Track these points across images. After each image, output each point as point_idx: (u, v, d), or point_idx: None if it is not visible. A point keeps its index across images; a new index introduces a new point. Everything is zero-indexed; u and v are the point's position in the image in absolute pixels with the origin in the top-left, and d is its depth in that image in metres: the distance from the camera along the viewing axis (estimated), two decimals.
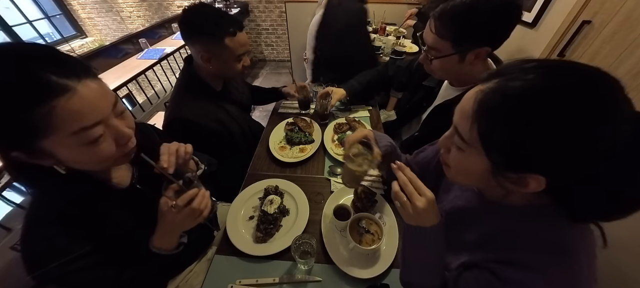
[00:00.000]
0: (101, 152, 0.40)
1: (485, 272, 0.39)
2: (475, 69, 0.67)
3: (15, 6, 3.18)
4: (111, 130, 0.41)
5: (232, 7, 3.04)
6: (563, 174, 0.30)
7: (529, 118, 0.28)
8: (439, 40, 0.64)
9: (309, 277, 0.61)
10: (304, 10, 2.32)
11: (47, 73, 0.33)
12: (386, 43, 1.77)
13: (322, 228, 0.69)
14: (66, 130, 0.35)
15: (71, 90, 0.34)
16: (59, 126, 0.35)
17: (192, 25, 0.74)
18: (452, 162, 0.40)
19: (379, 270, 0.60)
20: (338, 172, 0.87)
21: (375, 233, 0.64)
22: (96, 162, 0.41)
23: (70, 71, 0.35)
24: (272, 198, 0.72)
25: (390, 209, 0.73)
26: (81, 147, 0.38)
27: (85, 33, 3.90)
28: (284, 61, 3.64)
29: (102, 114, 0.39)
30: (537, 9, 1.17)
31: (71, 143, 0.37)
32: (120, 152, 0.43)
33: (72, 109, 0.35)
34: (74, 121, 0.35)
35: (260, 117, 2.48)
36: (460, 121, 0.36)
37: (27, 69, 0.33)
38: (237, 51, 0.77)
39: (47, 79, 0.33)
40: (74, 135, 0.36)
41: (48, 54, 0.36)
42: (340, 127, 1.04)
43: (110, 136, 0.41)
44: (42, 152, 0.36)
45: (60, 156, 0.38)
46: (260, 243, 0.67)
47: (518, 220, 0.39)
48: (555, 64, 0.30)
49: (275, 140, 1.00)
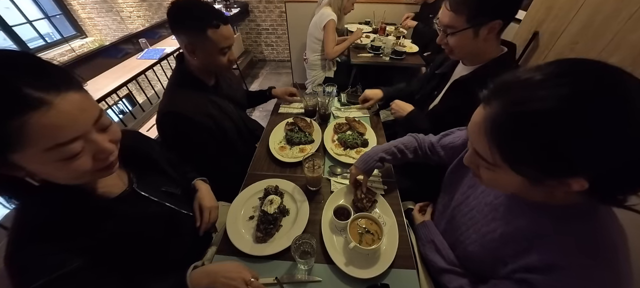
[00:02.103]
0: (77, 168, 0.37)
1: (523, 285, 0.37)
2: (488, 45, 0.71)
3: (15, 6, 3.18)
4: (91, 145, 0.38)
5: (232, 7, 3.04)
6: (604, 171, 0.29)
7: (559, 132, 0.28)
8: (454, 16, 0.69)
9: (309, 277, 0.61)
10: (304, 10, 2.32)
11: (22, 84, 0.31)
12: (386, 43, 1.77)
13: (322, 228, 0.69)
14: (39, 146, 0.33)
15: (47, 104, 0.32)
16: (32, 141, 0.32)
17: (176, 17, 0.75)
18: (485, 178, 0.39)
19: (379, 270, 0.60)
20: (338, 172, 0.87)
21: (375, 233, 0.64)
22: (71, 177, 0.39)
23: (49, 83, 0.33)
24: (272, 198, 0.72)
25: (390, 209, 0.73)
26: (55, 163, 0.35)
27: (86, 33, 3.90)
28: (284, 61, 3.63)
29: (82, 129, 0.36)
30: None
31: (44, 159, 0.34)
32: (97, 166, 0.40)
33: (48, 124, 0.32)
34: (48, 137, 0.33)
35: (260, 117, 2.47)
36: (478, 145, 0.35)
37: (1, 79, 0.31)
38: (220, 44, 0.78)
39: (22, 91, 0.31)
40: (48, 151, 0.34)
41: (27, 63, 0.33)
42: (340, 127, 1.04)
43: (89, 151, 0.38)
44: (12, 165, 0.34)
45: (33, 170, 0.36)
46: (260, 244, 0.67)
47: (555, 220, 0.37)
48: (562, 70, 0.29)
49: (275, 140, 0.99)
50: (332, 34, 1.68)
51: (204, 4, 0.77)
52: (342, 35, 2.04)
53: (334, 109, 1.16)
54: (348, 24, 2.22)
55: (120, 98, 1.86)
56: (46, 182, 0.39)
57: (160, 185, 0.62)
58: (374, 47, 1.80)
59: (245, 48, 3.51)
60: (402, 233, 0.68)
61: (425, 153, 0.75)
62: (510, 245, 0.42)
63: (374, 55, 1.79)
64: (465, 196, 0.57)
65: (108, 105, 1.82)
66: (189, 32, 0.76)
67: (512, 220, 0.43)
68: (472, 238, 0.51)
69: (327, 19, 1.64)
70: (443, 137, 0.71)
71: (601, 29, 0.83)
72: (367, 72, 1.88)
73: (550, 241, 0.37)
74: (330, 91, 1.19)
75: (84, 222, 0.44)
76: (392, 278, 0.61)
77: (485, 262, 0.47)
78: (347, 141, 0.95)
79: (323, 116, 1.10)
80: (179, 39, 0.78)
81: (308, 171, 0.77)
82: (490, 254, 0.46)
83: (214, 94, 0.92)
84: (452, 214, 0.60)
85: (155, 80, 2.28)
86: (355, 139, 0.96)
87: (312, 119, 1.09)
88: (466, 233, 0.53)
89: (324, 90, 1.19)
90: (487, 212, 0.49)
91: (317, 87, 1.23)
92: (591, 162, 0.29)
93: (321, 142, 0.98)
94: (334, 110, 1.15)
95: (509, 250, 0.42)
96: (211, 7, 0.77)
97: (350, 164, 0.89)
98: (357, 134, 0.99)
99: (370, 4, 2.27)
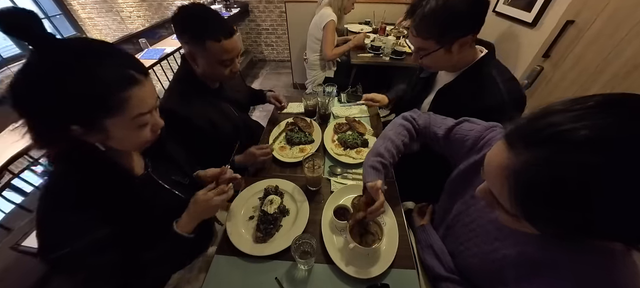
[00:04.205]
0: (143, 136, 0.48)
1: None
2: (464, 55, 0.73)
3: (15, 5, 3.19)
4: (152, 119, 0.49)
5: (232, 7, 3.04)
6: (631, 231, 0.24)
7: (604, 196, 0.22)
8: (423, 41, 0.70)
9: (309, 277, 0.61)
10: (304, 10, 2.32)
11: (130, 69, 0.43)
12: (386, 43, 1.76)
13: (322, 228, 0.69)
14: (131, 113, 0.43)
15: (142, 83, 0.44)
16: (127, 109, 0.42)
17: (179, 24, 0.75)
18: (501, 219, 0.34)
19: (379, 270, 0.60)
20: (338, 172, 0.87)
21: (376, 233, 0.64)
22: (137, 143, 0.49)
23: (141, 69, 0.45)
24: (272, 198, 0.72)
25: (390, 209, 0.73)
26: (132, 130, 0.46)
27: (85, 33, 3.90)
28: (284, 61, 3.63)
29: (152, 105, 0.47)
30: (537, 9, 1.16)
31: (128, 125, 0.44)
32: (152, 136, 0.50)
33: (140, 96, 0.44)
34: (138, 107, 0.44)
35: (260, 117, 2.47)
36: (496, 188, 0.30)
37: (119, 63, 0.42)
38: (220, 57, 0.76)
39: (129, 72, 0.42)
40: (133, 119, 0.44)
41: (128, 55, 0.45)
42: (340, 127, 1.04)
43: (150, 123, 0.48)
44: (101, 129, 0.43)
45: (114, 134, 0.44)
46: (260, 243, 0.67)
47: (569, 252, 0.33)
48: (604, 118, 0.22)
49: (278, 141, 0.99)
50: (332, 35, 1.67)
51: (208, 12, 0.75)
52: (342, 35, 2.03)
53: (334, 109, 1.16)
54: (348, 24, 2.22)
55: None
56: (104, 153, 0.47)
57: (170, 174, 0.65)
58: (374, 47, 1.80)
59: (245, 48, 3.51)
60: (402, 234, 0.68)
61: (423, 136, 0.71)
62: (513, 269, 0.39)
63: (374, 55, 1.79)
64: (467, 205, 0.54)
65: None
66: (189, 41, 0.75)
67: (518, 244, 0.39)
68: (472, 252, 0.49)
69: (327, 20, 1.64)
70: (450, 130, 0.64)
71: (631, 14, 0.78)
72: (367, 72, 1.87)
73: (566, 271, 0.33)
74: (330, 91, 1.19)
75: (111, 194, 0.49)
76: (392, 278, 0.61)
77: (485, 277, 0.45)
78: (347, 141, 0.95)
79: (323, 116, 1.10)
80: (182, 44, 0.78)
81: (308, 171, 0.77)
82: (490, 271, 0.43)
83: (215, 97, 0.91)
84: (452, 222, 0.59)
85: (155, 80, 2.28)
86: (355, 139, 0.96)
87: (312, 118, 1.09)
88: (466, 243, 0.52)
89: (324, 90, 1.19)
90: (489, 229, 0.46)
91: (317, 87, 1.23)
92: (619, 229, 0.24)
93: (321, 142, 0.98)
94: (334, 110, 1.15)
95: (512, 272, 0.39)
96: (215, 17, 0.75)
97: (350, 164, 0.89)
98: (357, 134, 0.99)
99: (370, 3, 2.27)
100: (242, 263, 0.64)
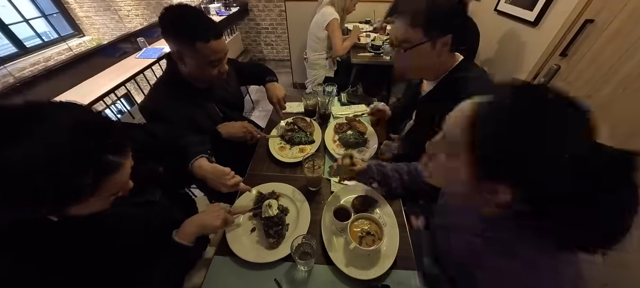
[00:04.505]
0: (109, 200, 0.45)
1: None
2: (444, 59, 0.72)
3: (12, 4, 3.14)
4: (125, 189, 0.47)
5: (232, 5, 3.02)
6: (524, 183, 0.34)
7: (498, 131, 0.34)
8: (410, 29, 0.67)
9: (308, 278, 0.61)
10: (304, 9, 2.31)
11: (105, 153, 0.40)
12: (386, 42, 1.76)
13: (322, 228, 0.69)
14: (104, 194, 0.42)
15: (119, 167, 0.42)
16: (100, 192, 0.41)
17: (166, 23, 0.74)
18: (434, 165, 0.46)
19: (379, 271, 0.60)
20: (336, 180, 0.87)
21: (376, 234, 0.64)
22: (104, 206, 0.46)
23: (121, 148, 0.43)
24: (269, 202, 0.71)
25: (390, 210, 0.73)
26: (102, 202, 0.43)
27: (83, 32, 3.86)
28: (284, 60, 3.62)
29: (125, 186, 0.47)
30: (539, 7, 1.16)
31: (98, 201, 0.42)
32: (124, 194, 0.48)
33: (115, 181, 0.42)
34: (113, 187, 0.43)
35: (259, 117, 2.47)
36: (453, 129, 0.40)
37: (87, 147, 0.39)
38: (209, 57, 0.76)
39: (104, 158, 0.40)
40: (105, 197, 0.43)
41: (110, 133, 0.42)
42: (340, 127, 1.03)
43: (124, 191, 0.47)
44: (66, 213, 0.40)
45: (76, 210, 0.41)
46: (274, 249, 0.65)
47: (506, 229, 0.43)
48: (537, 89, 0.37)
49: (275, 140, 0.99)
50: (338, 31, 1.68)
51: (196, 14, 0.74)
52: (344, 34, 2.03)
53: (334, 109, 1.15)
54: (348, 23, 2.21)
55: (118, 98, 1.85)
56: None
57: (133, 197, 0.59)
58: (374, 47, 1.80)
59: (245, 47, 3.50)
60: (402, 234, 0.67)
61: None
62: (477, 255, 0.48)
63: (374, 55, 1.79)
64: None
65: (106, 105, 1.81)
66: (178, 41, 0.74)
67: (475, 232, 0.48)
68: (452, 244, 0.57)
69: (330, 18, 1.64)
70: None
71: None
72: (367, 72, 1.87)
73: None
74: (330, 91, 1.18)
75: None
76: (393, 279, 0.61)
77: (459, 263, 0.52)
78: (348, 141, 0.95)
79: (323, 116, 1.10)
80: (169, 44, 0.77)
81: (308, 171, 0.76)
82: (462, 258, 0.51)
83: (204, 98, 0.89)
84: None
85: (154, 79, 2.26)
86: (356, 139, 0.96)
87: (312, 118, 1.09)
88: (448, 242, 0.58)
89: (324, 90, 1.19)
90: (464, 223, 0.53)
91: (317, 87, 1.23)
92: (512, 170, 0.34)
93: (321, 142, 0.97)
94: (334, 110, 1.14)
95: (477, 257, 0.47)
96: (203, 19, 0.75)
97: None
98: (358, 133, 0.99)
99: (371, 2, 2.26)
100: (242, 264, 0.64)
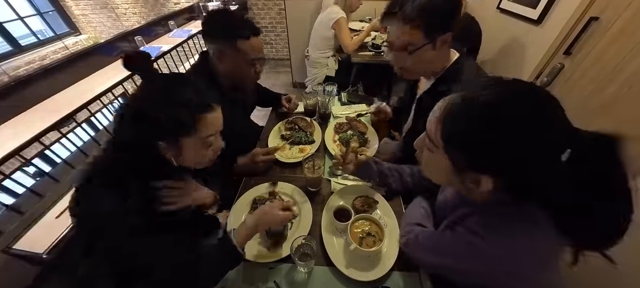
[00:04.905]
0: (207, 155, 0.56)
1: None
2: (442, 56, 0.74)
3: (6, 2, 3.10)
4: (216, 142, 0.57)
5: (231, 3, 3.00)
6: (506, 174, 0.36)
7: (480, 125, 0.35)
8: (412, 31, 0.68)
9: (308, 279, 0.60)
10: (304, 8, 2.29)
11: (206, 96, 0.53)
12: None
13: (322, 229, 0.68)
14: (201, 133, 0.52)
15: (214, 109, 0.53)
16: (200, 130, 0.51)
17: (209, 25, 0.80)
18: (423, 160, 0.49)
19: (380, 273, 0.59)
20: (338, 172, 0.86)
21: (376, 235, 0.63)
22: (201, 162, 0.57)
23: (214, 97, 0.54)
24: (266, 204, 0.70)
25: (391, 210, 0.72)
26: (201, 148, 0.54)
27: (79, 30, 3.83)
28: (284, 60, 3.61)
29: (217, 129, 0.56)
30: (543, 5, 1.15)
31: (198, 144, 0.53)
32: (213, 156, 0.58)
33: (210, 120, 0.53)
34: (208, 128, 0.53)
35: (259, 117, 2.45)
36: (431, 126, 0.42)
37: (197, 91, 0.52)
38: (249, 55, 0.80)
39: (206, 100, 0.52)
40: (202, 139, 0.53)
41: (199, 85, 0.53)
42: (340, 127, 1.02)
43: (213, 146, 0.56)
44: (178, 146, 0.51)
45: (184, 151, 0.52)
46: (280, 247, 0.65)
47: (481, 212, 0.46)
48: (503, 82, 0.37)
49: (274, 140, 0.98)
50: (346, 29, 1.68)
51: (236, 15, 0.80)
52: None
53: (334, 109, 1.14)
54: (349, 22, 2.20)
55: (116, 97, 1.82)
56: None
57: None
58: (375, 46, 1.79)
59: None
60: None
61: None
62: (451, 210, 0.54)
63: (374, 54, 1.78)
64: None
65: (103, 105, 1.79)
66: (220, 41, 0.79)
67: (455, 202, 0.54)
68: None
69: (337, 17, 1.63)
70: None
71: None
72: (367, 71, 1.86)
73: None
74: (330, 90, 1.17)
75: None
76: (394, 281, 0.60)
77: None
78: (349, 141, 0.94)
79: (323, 115, 1.09)
80: (210, 46, 0.81)
81: (308, 171, 0.76)
82: None
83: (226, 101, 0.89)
84: None
85: None
86: (357, 138, 0.95)
87: (312, 118, 1.08)
88: None
89: (324, 90, 1.18)
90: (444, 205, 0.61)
91: (317, 86, 1.22)
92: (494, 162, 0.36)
93: (321, 142, 0.96)
94: (334, 110, 1.13)
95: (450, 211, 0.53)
96: (243, 19, 0.81)
97: None
98: (358, 133, 0.98)
99: (371, 2, 2.25)
100: (241, 265, 0.62)
